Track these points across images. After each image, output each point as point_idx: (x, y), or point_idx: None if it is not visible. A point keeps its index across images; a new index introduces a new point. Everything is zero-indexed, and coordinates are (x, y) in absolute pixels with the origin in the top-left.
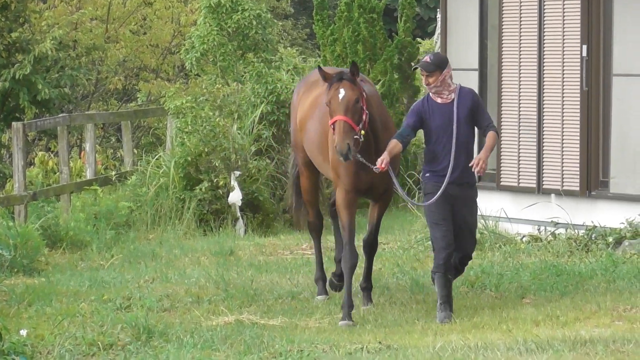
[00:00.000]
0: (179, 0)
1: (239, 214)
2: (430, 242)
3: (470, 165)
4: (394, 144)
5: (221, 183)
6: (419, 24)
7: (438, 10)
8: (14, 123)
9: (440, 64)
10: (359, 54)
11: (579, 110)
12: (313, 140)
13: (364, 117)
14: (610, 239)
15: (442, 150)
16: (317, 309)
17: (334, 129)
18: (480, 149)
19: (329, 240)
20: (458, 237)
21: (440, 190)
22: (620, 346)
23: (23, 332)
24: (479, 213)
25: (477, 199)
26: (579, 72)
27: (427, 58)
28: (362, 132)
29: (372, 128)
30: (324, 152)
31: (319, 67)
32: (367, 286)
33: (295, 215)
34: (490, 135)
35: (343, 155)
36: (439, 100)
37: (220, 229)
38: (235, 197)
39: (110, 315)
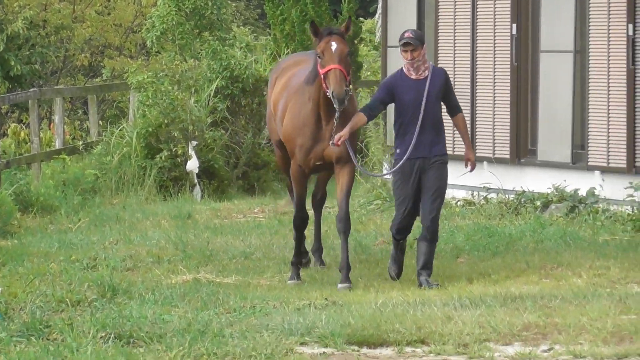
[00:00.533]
0: None
1: (196, 181)
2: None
3: (468, 170)
4: (359, 117)
5: (180, 152)
6: (361, 5)
7: None
8: None
9: (422, 39)
10: (307, 32)
11: (509, 84)
12: (280, 117)
13: (350, 69)
14: (538, 203)
15: (411, 125)
16: (268, 268)
17: (325, 78)
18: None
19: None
20: (426, 197)
21: (402, 160)
22: (548, 302)
23: None
24: None
25: (446, 165)
26: (509, 48)
27: (409, 34)
28: (350, 86)
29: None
30: (284, 126)
31: (312, 22)
32: (346, 266)
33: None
34: (461, 118)
35: (340, 100)
36: (413, 76)
37: (179, 194)
38: (193, 165)
39: (77, 274)
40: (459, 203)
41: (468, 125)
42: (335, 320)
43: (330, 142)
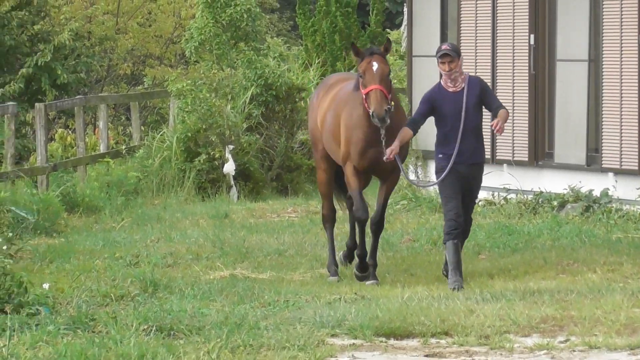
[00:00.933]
0: None
1: (232, 182)
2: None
3: (490, 125)
4: (406, 132)
5: (217, 155)
6: (388, 17)
7: (405, 4)
8: (36, 104)
9: (458, 51)
10: (336, 42)
11: (527, 92)
12: (329, 130)
13: (392, 88)
14: (555, 203)
15: (452, 134)
16: (301, 264)
17: (366, 98)
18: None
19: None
20: (465, 206)
21: (447, 170)
22: (564, 296)
23: (45, 286)
24: None
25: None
26: (527, 58)
27: (446, 46)
28: (392, 103)
29: (394, 118)
30: (337, 139)
31: (352, 44)
32: (373, 263)
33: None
34: (504, 111)
35: (380, 119)
36: (450, 89)
37: (217, 195)
38: (229, 167)
39: (121, 270)
40: (480, 203)
41: (488, 130)
42: (364, 313)
43: (385, 157)
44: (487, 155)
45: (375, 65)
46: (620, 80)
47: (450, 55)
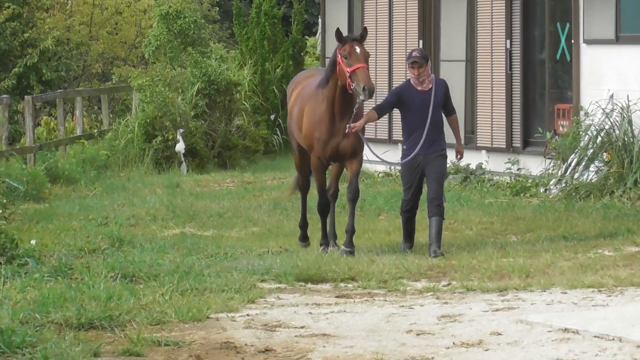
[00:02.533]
0: (140, 11)
1: (182, 159)
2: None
3: (456, 158)
4: (372, 114)
5: (170, 137)
6: (306, 26)
7: (319, 16)
8: (26, 96)
9: (426, 58)
10: (265, 47)
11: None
12: (296, 121)
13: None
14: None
15: (418, 128)
16: (237, 224)
17: (352, 76)
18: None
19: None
20: (429, 181)
21: (408, 159)
22: (447, 248)
23: (33, 242)
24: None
25: (446, 157)
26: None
27: (416, 53)
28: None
29: (350, 105)
30: (300, 128)
31: (337, 29)
32: (350, 229)
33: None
34: (455, 119)
35: (371, 92)
36: (418, 88)
37: (170, 169)
38: (180, 146)
39: (93, 229)
40: (380, 175)
41: (388, 118)
42: (287, 263)
43: (347, 126)
44: (384, 135)
45: (358, 49)
46: (491, 76)
47: (419, 62)
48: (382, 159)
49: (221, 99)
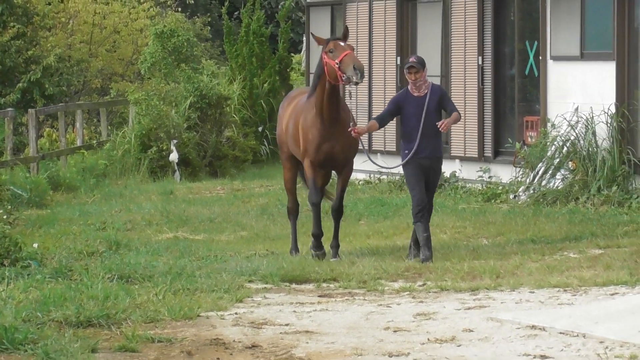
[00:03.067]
0: (137, 30)
1: (176, 168)
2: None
3: (437, 124)
4: (373, 123)
5: (164, 147)
6: (292, 44)
7: (304, 34)
8: (29, 110)
9: (423, 64)
10: (254, 63)
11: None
12: (292, 135)
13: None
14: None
15: (415, 132)
16: (227, 228)
17: (340, 65)
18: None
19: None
20: (428, 193)
21: (407, 157)
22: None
23: (35, 245)
24: None
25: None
26: (394, 74)
27: (413, 59)
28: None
29: (337, 111)
30: (297, 141)
31: (312, 34)
32: (336, 244)
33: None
34: (454, 114)
35: (362, 73)
36: (415, 94)
37: (164, 177)
38: (174, 156)
39: (92, 233)
40: (360, 182)
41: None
42: (273, 264)
43: (350, 129)
44: (360, 146)
45: (342, 42)
46: (464, 90)
47: (416, 67)
48: (379, 164)
49: (212, 112)
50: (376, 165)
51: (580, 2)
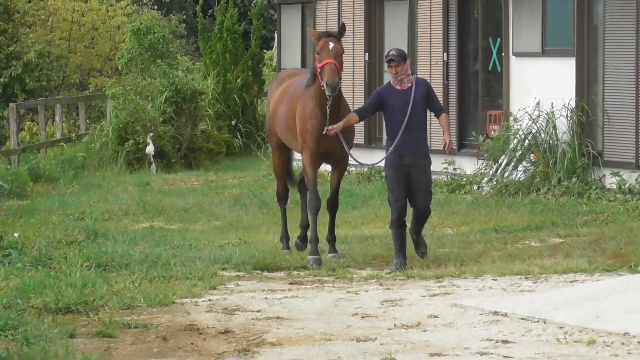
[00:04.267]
0: (114, 27)
1: (152, 160)
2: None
3: (442, 148)
4: (352, 116)
5: (141, 140)
6: (264, 41)
7: (275, 32)
8: (10, 104)
9: (404, 56)
10: (227, 59)
11: (363, 95)
12: (283, 121)
13: (341, 68)
14: (383, 174)
15: (398, 128)
16: (201, 218)
17: (320, 71)
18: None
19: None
20: (416, 195)
21: (388, 153)
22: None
23: (15, 235)
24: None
25: (430, 165)
26: (363, 70)
27: (393, 52)
28: (340, 81)
29: (337, 107)
30: (292, 130)
31: (308, 28)
32: (332, 238)
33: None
34: (444, 116)
35: (332, 88)
36: (398, 87)
37: (140, 169)
38: (150, 149)
39: (71, 223)
40: (328, 173)
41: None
42: (245, 253)
43: (325, 129)
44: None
45: (331, 45)
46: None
47: (396, 61)
48: (362, 163)
49: (187, 106)
50: (357, 162)
51: (541, 0)
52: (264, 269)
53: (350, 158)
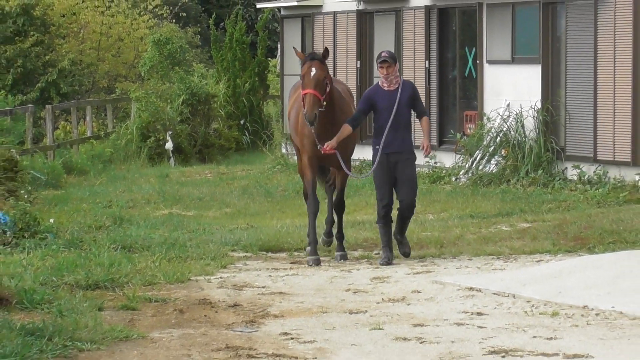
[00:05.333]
0: (138, 38)
1: (171, 155)
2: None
3: (423, 154)
4: (345, 128)
5: (161, 138)
6: (269, 50)
7: (279, 42)
8: (47, 106)
9: (395, 58)
10: (236, 67)
11: (356, 97)
12: (293, 126)
13: (327, 89)
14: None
15: (385, 126)
16: (213, 206)
17: (303, 99)
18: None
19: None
20: (402, 188)
21: (377, 161)
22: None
23: (51, 221)
24: None
25: (415, 160)
26: (355, 76)
27: (385, 54)
28: (324, 103)
29: (331, 113)
30: (296, 131)
31: (294, 48)
32: (340, 236)
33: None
34: (425, 120)
35: (310, 122)
36: (385, 87)
37: (161, 163)
38: (169, 145)
39: (99, 210)
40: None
41: None
42: (252, 236)
43: (318, 146)
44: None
45: (313, 71)
46: None
47: (388, 62)
48: (358, 176)
49: (201, 108)
50: (349, 174)
51: (511, 14)
52: (269, 251)
53: (349, 162)
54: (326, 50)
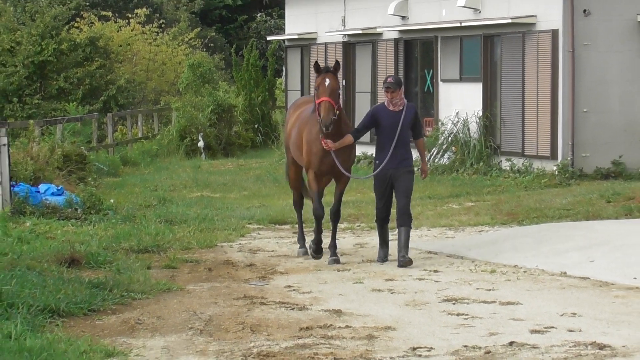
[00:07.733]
0: (177, 62)
1: (202, 151)
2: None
3: (421, 176)
4: (347, 137)
5: (195, 138)
6: (276, 72)
7: (284, 66)
8: (108, 114)
9: (400, 83)
10: (251, 84)
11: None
12: (295, 142)
13: (339, 101)
14: (361, 164)
15: (387, 144)
16: (234, 189)
17: (318, 107)
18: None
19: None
20: (397, 196)
21: (377, 171)
22: (359, 204)
23: (112, 201)
24: None
25: (413, 174)
26: (342, 92)
27: (390, 80)
28: (337, 112)
29: (338, 124)
30: (301, 150)
31: (315, 62)
32: (333, 245)
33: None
34: (421, 142)
35: (325, 125)
36: (390, 108)
37: (194, 157)
38: (201, 144)
39: (148, 193)
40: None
41: None
42: (264, 212)
43: (324, 144)
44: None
45: (327, 82)
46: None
47: (392, 88)
48: (355, 177)
49: (225, 115)
50: (349, 175)
51: (459, 44)
52: (276, 223)
53: (350, 170)
54: (337, 63)
